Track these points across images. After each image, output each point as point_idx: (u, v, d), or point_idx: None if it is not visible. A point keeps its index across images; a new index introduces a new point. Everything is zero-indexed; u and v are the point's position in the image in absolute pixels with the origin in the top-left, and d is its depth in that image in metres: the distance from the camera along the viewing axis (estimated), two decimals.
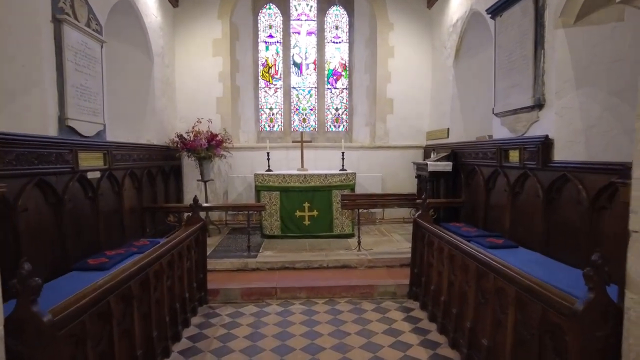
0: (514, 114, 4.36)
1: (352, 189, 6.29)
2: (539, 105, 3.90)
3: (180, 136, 6.39)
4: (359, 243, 5.37)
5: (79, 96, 3.90)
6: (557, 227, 3.64)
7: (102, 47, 4.40)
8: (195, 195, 4.26)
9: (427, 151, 7.29)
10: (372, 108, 7.45)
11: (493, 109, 4.77)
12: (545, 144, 3.77)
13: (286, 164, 7.26)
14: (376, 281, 4.58)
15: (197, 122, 6.65)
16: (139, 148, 5.30)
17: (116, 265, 3.42)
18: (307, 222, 6.18)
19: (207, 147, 6.32)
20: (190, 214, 4.29)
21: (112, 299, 2.43)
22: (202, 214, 6.26)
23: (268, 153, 6.63)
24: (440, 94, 6.85)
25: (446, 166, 5.69)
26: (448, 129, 6.44)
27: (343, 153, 6.72)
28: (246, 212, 5.20)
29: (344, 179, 6.24)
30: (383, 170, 7.37)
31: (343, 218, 6.22)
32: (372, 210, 6.93)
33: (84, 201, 3.91)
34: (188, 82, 7.10)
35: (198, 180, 6.61)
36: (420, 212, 4.36)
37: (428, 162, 5.68)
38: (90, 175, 4.01)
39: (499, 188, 4.64)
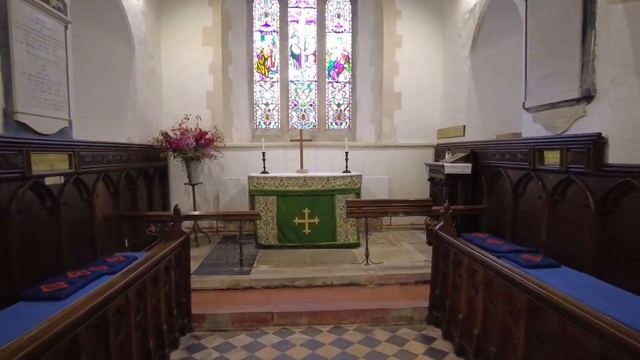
0: (551, 109, 3.71)
1: (358, 194, 5.64)
2: (586, 97, 3.26)
3: (165, 134, 5.70)
4: (367, 256, 4.72)
5: (34, 86, 3.22)
6: (615, 244, 3.00)
7: (66, 28, 3.71)
8: (177, 205, 3.60)
9: (439, 151, 6.65)
10: (378, 103, 6.80)
11: (524, 103, 4.12)
12: (597, 144, 3.13)
13: (284, 165, 6.59)
14: (389, 303, 3.94)
15: (185, 118, 5.96)
16: (115, 148, 4.62)
17: (76, 292, 2.77)
18: (307, 231, 5.52)
19: (195, 147, 5.64)
20: (171, 225, 3.62)
21: (48, 356, 1.76)
22: (190, 223, 5.61)
23: (264, 153, 5.96)
24: (454, 87, 6.20)
25: (465, 168, 5.05)
26: (464, 126, 5.80)
27: (347, 153, 6.06)
28: (238, 221, 4.55)
29: (348, 182, 5.58)
30: (390, 171, 6.71)
31: (347, 226, 5.57)
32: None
33: (40, 212, 3.23)
34: (175, 74, 6.41)
35: (185, 184, 5.93)
36: (442, 223, 3.71)
37: (445, 164, 5.04)
38: (49, 181, 3.33)
39: (532, 194, 4.00)
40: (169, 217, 4.00)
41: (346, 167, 6.05)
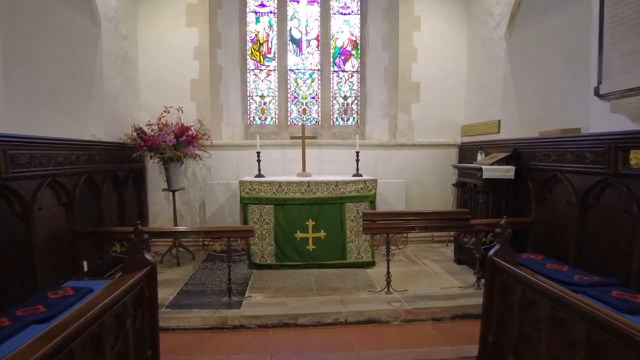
0: None
1: (373, 202, 4.68)
2: None
3: (138, 129, 4.70)
4: (389, 283, 3.76)
5: None
6: None
7: None
8: (138, 223, 2.62)
9: (464, 150, 5.70)
10: (393, 95, 5.83)
11: (597, 88, 3.17)
12: None
13: (282, 167, 5.63)
14: (424, 350, 2.98)
15: (165, 111, 4.97)
16: (68, 146, 3.62)
17: None
18: (311, 247, 4.55)
19: (176, 145, 4.65)
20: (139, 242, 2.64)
21: None
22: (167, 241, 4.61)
23: (258, 153, 4.98)
24: (484, 76, 5.25)
25: (507, 172, 4.10)
26: (498, 121, 4.85)
27: (358, 153, 5.10)
28: (225, 239, 3.57)
29: (361, 188, 4.61)
30: (406, 174, 5.75)
31: (360, 241, 4.60)
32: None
33: None
34: (155, 59, 5.42)
35: (164, 190, 4.93)
36: (498, 246, 2.76)
37: (482, 166, 4.08)
38: None
39: (610, 207, 3.06)
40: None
41: (357, 169, 5.09)
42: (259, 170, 4.97)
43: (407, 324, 3.40)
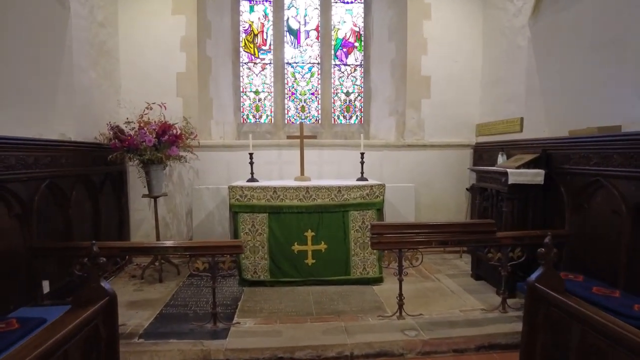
0: None
1: (380, 210, 4.14)
2: None
3: (115, 128, 4.16)
4: (401, 307, 3.22)
5: None
6: None
7: None
8: (93, 243, 2.08)
9: (479, 152, 5.16)
10: (401, 90, 5.29)
11: None
12: None
13: (278, 170, 5.09)
14: None
15: (148, 108, 4.42)
16: (23, 146, 3.07)
17: None
18: (310, 261, 4.01)
19: (157, 145, 4.10)
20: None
21: None
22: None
23: (251, 155, 4.44)
24: (503, 69, 4.71)
25: (536, 176, 3.56)
26: (521, 119, 4.32)
27: (362, 155, 4.56)
28: (210, 257, 3.01)
29: (367, 194, 4.08)
30: (415, 178, 5.21)
31: (365, 254, 4.07)
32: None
33: None
34: (137, 50, 4.88)
35: (145, 196, 4.38)
36: (541, 270, 2.22)
37: (508, 170, 3.54)
38: None
39: None
40: (109, 248, 2.46)
41: (361, 173, 4.56)
42: (252, 173, 4.43)
43: (424, 357, 2.86)
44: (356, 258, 4.06)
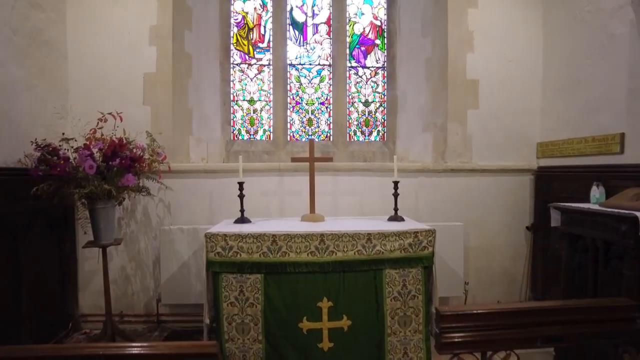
0: None
1: (428, 267, 2.84)
2: None
3: (44, 148, 2.87)
4: None
5: None
6: None
7: None
8: None
9: (545, 179, 3.90)
10: (439, 98, 4.05)
11: None
12: None
13: (278, 203, 3.81)
14: None
15: (101, 119, 3.18)
16: None
17: None
18: (326, 345, 2.70)
19: (104, 173, 2.83)
20: None
21: None
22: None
23: (241, 184, 3.17)
24: (582, 68, 3.48)
25: None
26: (621, 135, 3.06)
27: (396, 185, 3.29)
28: None
29: (409, 245, 2.79)
30: (462, 212, 3.93)
31: (407, 332, 2.76)
32: None
33: None
34: (91, 43, 3.65)
35: (87, 246, 3.06)
36: None
37: (637, 214, 2.26)
38: None
39: None
40: None
41: (395, 210, 3.29)
42: (242, 211, 3.15)
43: None
44: (394, 339, 2.74)
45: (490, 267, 3.96)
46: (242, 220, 3.11)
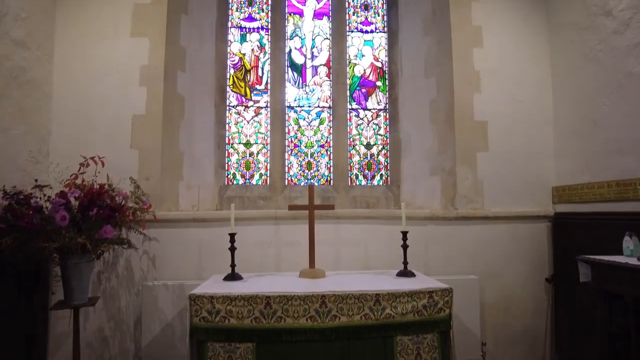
0: None
1: (445, 332, 2.48)
2: None
3: (12, 197, 2.58)
4: None
5: None
6: None
7: None
8: None
9: (564, 226, 3.59)
10: (447, 140, 3.82)
11: None
12: None
13: (274, 256, 3.47)
14: None
15: (83, 164, 2.92)
16: None
17: None
18: None
19: (79, 224, 2.53)
20: None
21: None
22: None
23: (232, 236, 2.86)
24: (598, 108, 3.28)
25: None
26: None
27: (405, 235, 2.99)
28: None
29: (423, 307, 2.44)
30: (476, 265, 3.59)
31: None
32: None
33: None
34: (77, 83, 3.46)
35: (55, 307, 2.70)
36: None
37: None
38: None
39: None
40: None
41: (404, 263, 2.97)
42: (233, 267, 2.82)
43: None
44: None
45: (510, 325, 3.57)
46: (233, 276, 2.77)
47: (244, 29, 4.35)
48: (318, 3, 4.47)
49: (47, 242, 2.44)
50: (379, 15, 4.52)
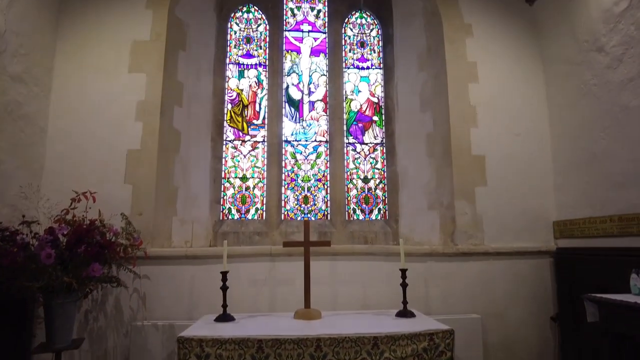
0: None
1: None
2: None
3: None
4: None
5: None
6: None
7: None
8: None
9: (566, 261, 3.50)
10: (444, 175, 3.79)
11: None
12: None
13: (268, 294, 3.35)
14: None
15: (75, 200, 2.88)
16: None
17: None
18: None
19: (66, 261, 2.44)
20: None
21: None
22: None
23: (224, 274, 2.77)
24: (597, 141, 3.27)
25: None
26: None
27: (404, 273, 2.89)
28: None
29: (424, 350, 2.32)
30: (477, 303, 3.46)
31: None
32: None
33: None
34: (73, 118, 3.46)
35: (37, 350, 2.57)
36: None
37: None
38: None
39: None
40: None
41: (404, 303, 2.86)
42: (224, 307, 2.71)
43: None
44: None
45: None
46: (225, 317, 2.66)
47: (242, 65, 4.41)
48: (315, 41, 4.55)
49: (31, 281, 2.34)
50: (375, 52, 4.60)
